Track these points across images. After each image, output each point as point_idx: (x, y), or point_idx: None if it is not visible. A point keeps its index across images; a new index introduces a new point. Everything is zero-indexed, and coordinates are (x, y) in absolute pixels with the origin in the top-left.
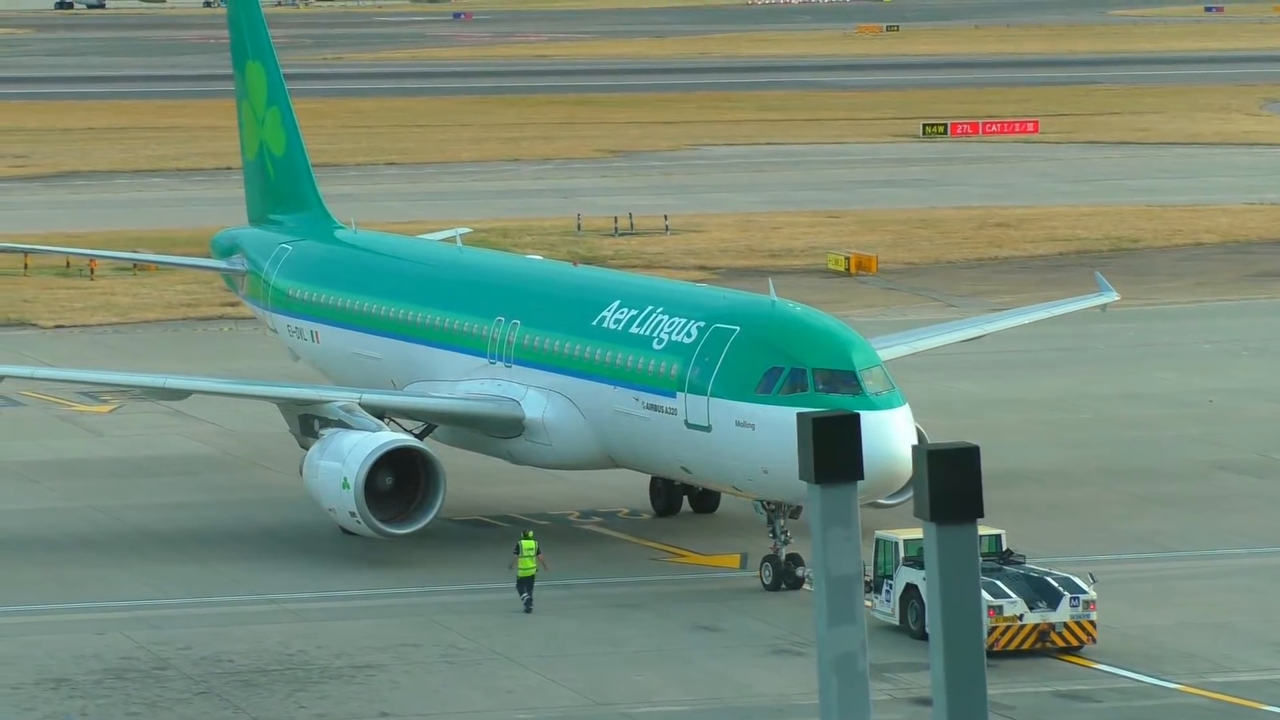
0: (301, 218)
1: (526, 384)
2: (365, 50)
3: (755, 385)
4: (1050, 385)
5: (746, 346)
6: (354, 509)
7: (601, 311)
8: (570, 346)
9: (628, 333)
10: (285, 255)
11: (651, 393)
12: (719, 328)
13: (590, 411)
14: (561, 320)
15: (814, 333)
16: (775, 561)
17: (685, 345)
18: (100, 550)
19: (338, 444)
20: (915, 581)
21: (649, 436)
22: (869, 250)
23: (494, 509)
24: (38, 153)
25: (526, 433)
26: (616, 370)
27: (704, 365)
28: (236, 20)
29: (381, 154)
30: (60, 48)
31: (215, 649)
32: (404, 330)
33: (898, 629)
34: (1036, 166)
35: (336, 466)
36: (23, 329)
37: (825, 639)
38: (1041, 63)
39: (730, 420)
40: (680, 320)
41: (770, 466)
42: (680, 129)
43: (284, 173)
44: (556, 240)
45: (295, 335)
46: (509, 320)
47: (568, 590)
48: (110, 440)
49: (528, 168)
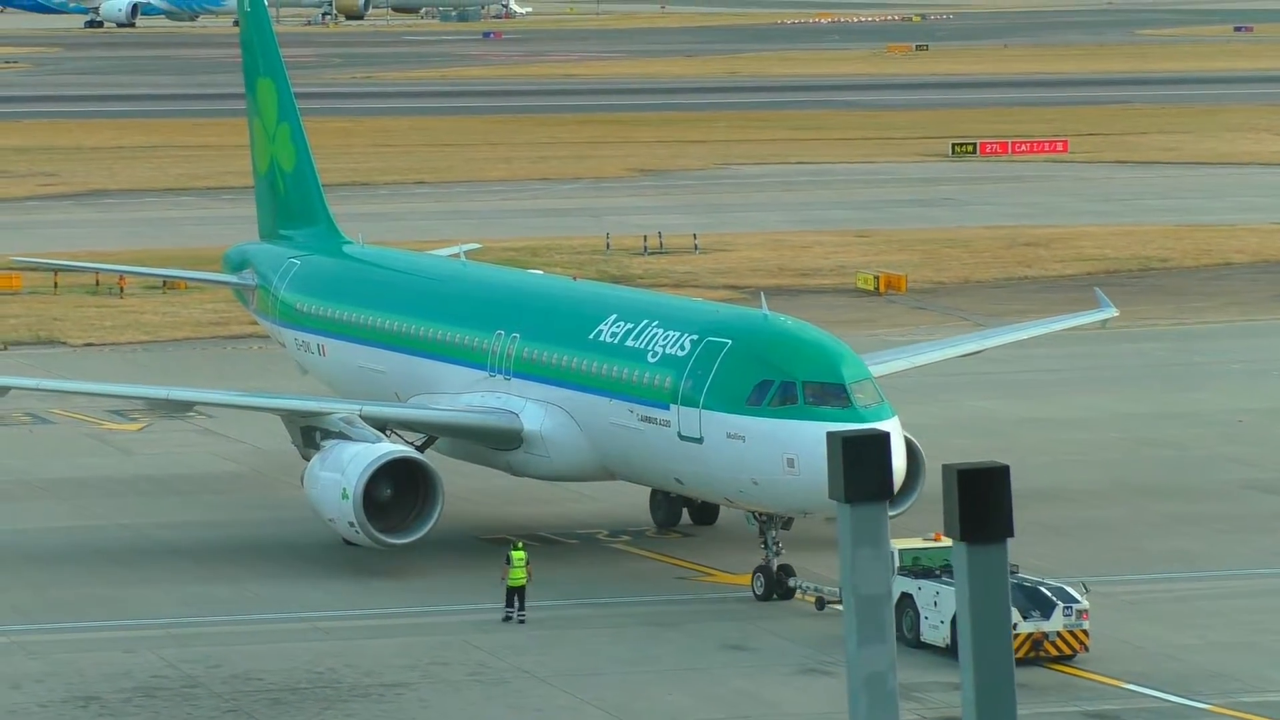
0: (310, 233)
1: (525, 397)
2: (395, 69)
3: (746, 397)
4: (1080, 404)
5: (738, 359)
6: (353, 519)
7: (599, 325)
8: (568, 360)
9: (623, 346)
10: (293, 270)
11: (646, 405)
12: (711, 341)
13: (587, 424)
14: (560, 334)
15: (804, 346)
16: (767, 572)
17: (678, 358)
18: (130, 568)
19: (338, 455)
20: (910, 591)
21: (643, 448)
22: (898, 269)
23: (524, 528)
24: (67, 171)
25: (525, 445)
26: (612, 383)
27: (696, 378)
28: (248, 37)
29: (411, 173)
30: (90, 66)
31: (245, 667)
32: (408, 344)
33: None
34: (1066, 186)
35: (336, 477)
36: (52, 347)
37: (854, 658)
38: (1071, 82)
39: (721, 432)
40: (674, 334)
41: (760, 478)
42: (710, 148)
43: (294, 188)
44: (586, 259)
45: (303, 349)
46: (509, 334)
47: (597, 609)
48: (140, 458)
49: (557, 187)
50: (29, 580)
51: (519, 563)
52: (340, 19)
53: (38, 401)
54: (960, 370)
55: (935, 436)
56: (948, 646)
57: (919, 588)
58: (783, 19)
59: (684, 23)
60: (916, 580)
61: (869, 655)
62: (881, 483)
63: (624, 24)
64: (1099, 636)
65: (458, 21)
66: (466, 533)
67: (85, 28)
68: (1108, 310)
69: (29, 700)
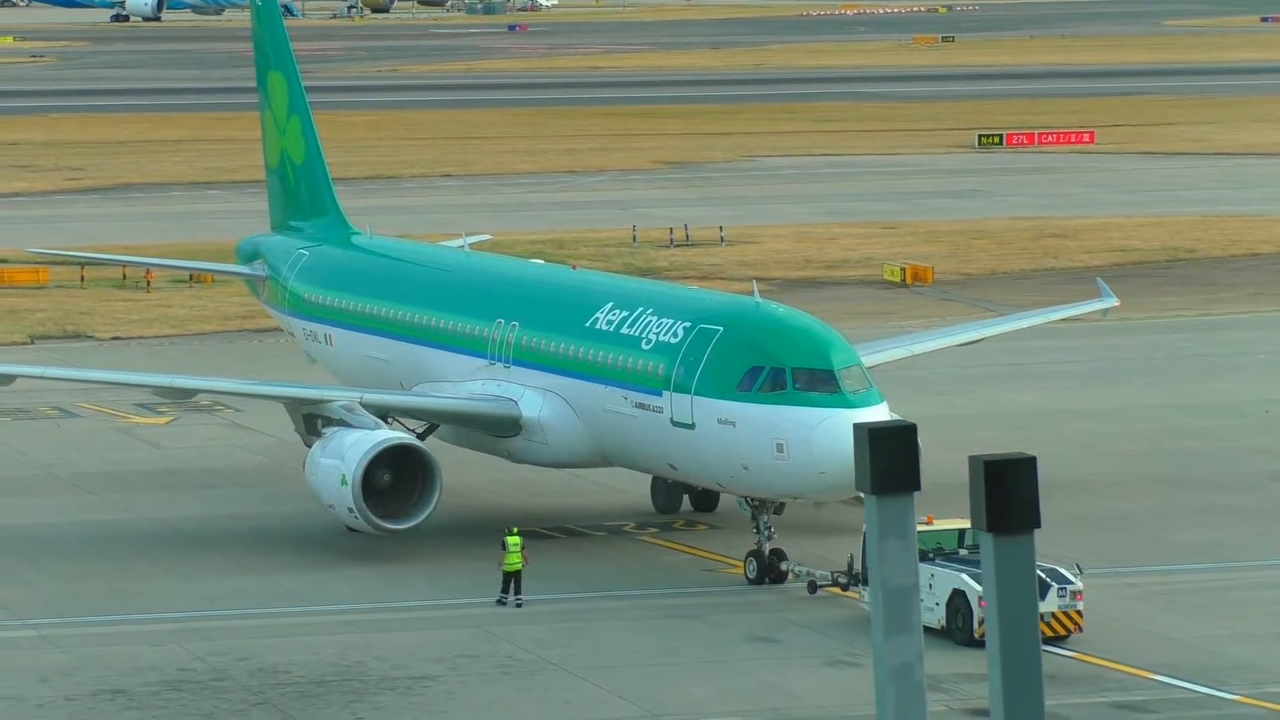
0: (320, 224)
1: (524, 384)
2: (421, 62)
3: (736, 384)
4: (1107, 396)
5: (729, 346)
6: (352, 505)
7: (595, 313)
8: (565, 347)
9: (619, 333)
10: (302, 261)
11: (640, 392)
12: (704, 328)
13: (584, 411)
14: (557, 322)
15: (794, 333)
16: (759, 556)
17: (672, 345)
18: (157, 562)
19: (338, 442)
20: None
21: (638, 435)
22: (925, 261)
23: (551, 520)
24: (93, 165)
25: (524, 432)
26: (608, 370)
27: (688, 365)
28: (258, 31)
29: (438, 166)
30: (116, 61)
31: (272, 660)
32: (410, 333)
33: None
34: (1092, 177)
35: (336, 464)
36: (80, 340)
37: (882, 650)
38: (1097, 73)
39: (713, 418)
40: (668, 321)
41: (750, 463)
42: (736, 140)
43: (304, 180)
44: (612, 251)
45: (310, 339)
46: (508, 322)
47: (624, 601)
48: (167, 452)
49: (584, 179)
50: (56, 574)
51: (514, 548)
52: (366, 12)
53: (65, 395)
54: (987, 362)
55: (962, 428)
56: (942, 628)
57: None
58: (808, 11)
59: (710, 15)
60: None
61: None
62: (908, 474)
63: (650, 16)
64: (1127, 629)
65: (483, 14)
66: (493, 526)
67: (111, 22)
68: (1108, 300)
69: (56, 694)
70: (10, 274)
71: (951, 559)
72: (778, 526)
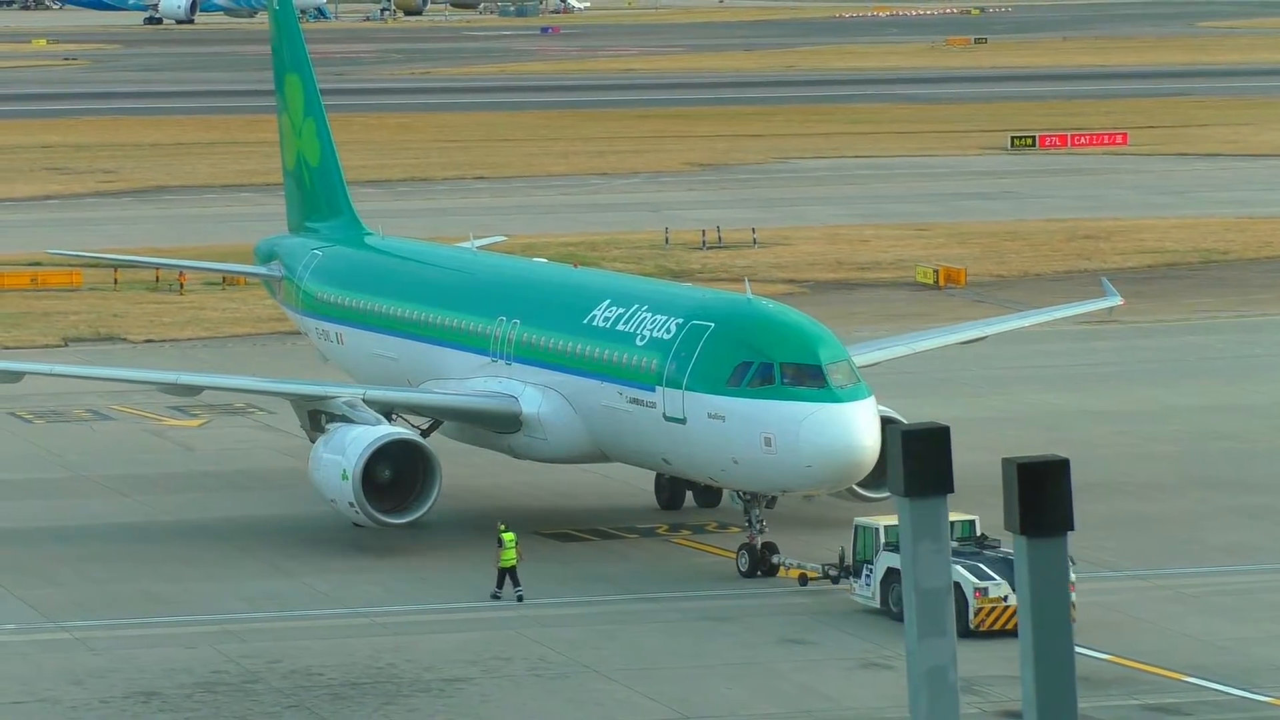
0: (334, 225)
1: (525, 381)
2: (454, 65)
3: (726, 379)
4: (1140, 397)
5: (720, 342)
6: (353, 499)
7: (592, 310)
8: (563, 344)
9: (614, 330)
10: (316, 261)
11: (633, 387)
12: (695, 324)
13: (581, 406)
14: (556, 319)
15: (783, 328)
16: (751, 549)
17: (664, 341)
18: (189, 564)
19: (340, 438)
20: (897, 566)
21: (632, 430)
22: (958, 263)
23: (583, 523)
24: (126, 168)
25: (524, 428)
26: (603, 366)
27: (680, 360)
28: (276, 34)
29: (470, 168)
30: (149, 63)
31: (305, 663)
32: (417, 331)
33: (878, 611)
34: (1125, 179)
35: (337, 459)
36: (112, 343)
37: (915, 652)
38: (1130, 74)
39: (703, 413)
40: (662, 318)
41: (740, 457)
42: (768, 142)
43: (319, 182)
44: (645, 253)
45: (323, 338)
46: (509, 320)
47: (656, 604)
48: (200, 454)
49: (616, 181)
50: (90, 576)
51: (510, 544)
52: (399, 14)
53: (98, 398)
54: (1019, 364)
55: (995, 430)
56: None
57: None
58: (841, 13)
59: (742, 17)
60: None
61: (930, 649)
62: (941, 476)
63: (682, 18)
64: (1160, 631)
65: (516, 17)
66: (524, 528)
67: (144, 24)
68: (1113, 299)
69: (90, 696)
70: (44, 276)
71: None
72: (770, 520)
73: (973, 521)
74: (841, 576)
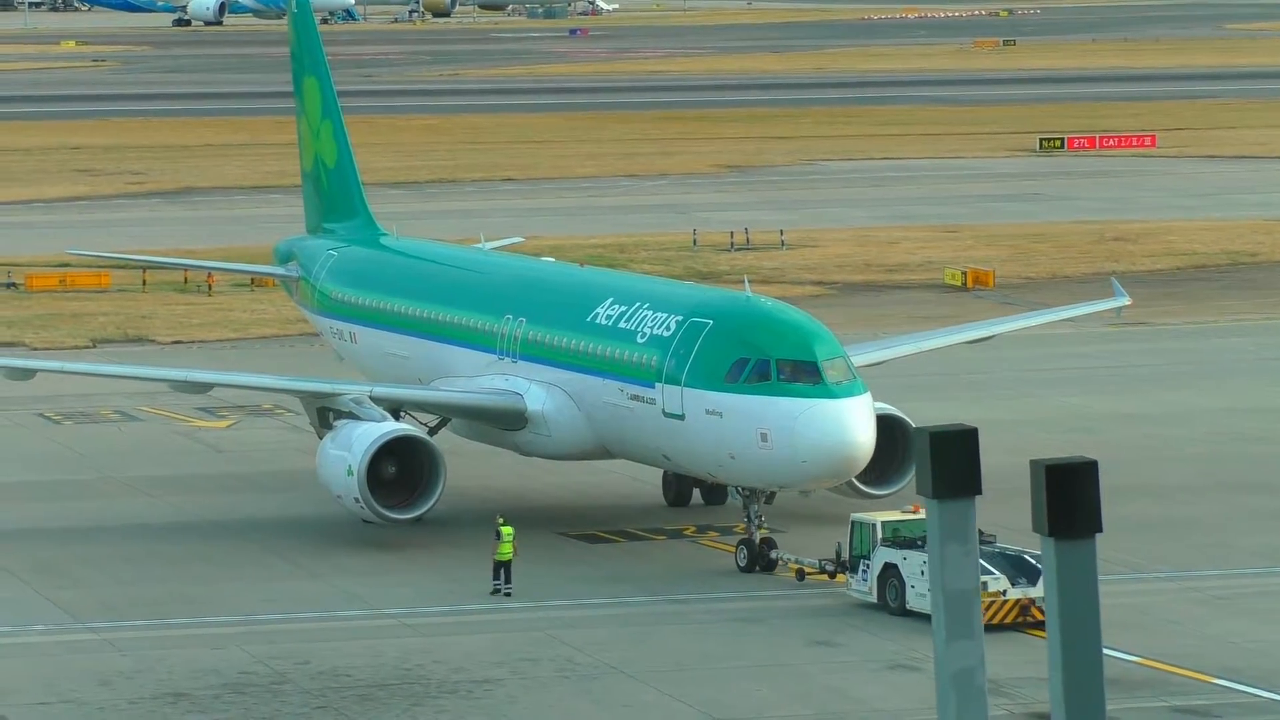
0: (350, 226)
1: (530, 378)
2: (482, 66)
3: (724, 375)
4: (1167, 399)
5: (718, 339)
6: (358, 494)
7: (595, 308)
8: (567, 342)
9: (616, 328)
10: (331, 261)
11: (634, 384)
12: (694, 321)
13: (584, 403)
14: (560, 317)
15: (780, 325)
16: (750, 544)
17: (664, 338)
18: (218, 565)
19: (346, 434)
20: (894, 561)
21: (634, 426)
22: (986, 265)
23: (609, 524)
24: (155, 169)
25: (530, 425)
26: (605, 363)
27: (679, 357)
28: (294, 36)
29: (498, 170)
30: (178, 65)
31: (333, 664)
32: (427, 330)
33: (875, 607)
34: (1154, 180)
35: (343, 455)
36: (140, 344)
37: (943, 654)
38: (1159, 76)
39: (701, 409)
40: (662, 315)
41: (736, 453)
42: (796, 144)
43: (336, 183)
44: (673, 255)
45: (337, 337)
46: (516, 318)
47: (684, 605)
48: (228, 455)
49: (644, 183)
50: (118, 577)
51: (508, 538)
52: (427, 16)
53: (126, 399)
54: (1047, 365)
55: (1024, 432)
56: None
57: (904, 558)
58: (869, 14)
59: (770, 18)
60: (901, 550)
61: (958, 651)
62: (970, 478)
63: (710, 20)
64: (1189, 633)
65: (544, 18)
66: (552, 529)
67: (173, 26)
68: (1121, 299)
69: (119, 697)
70: (73, 278)
71: None
72: (768, 515)
73: None
74: (839, 571)
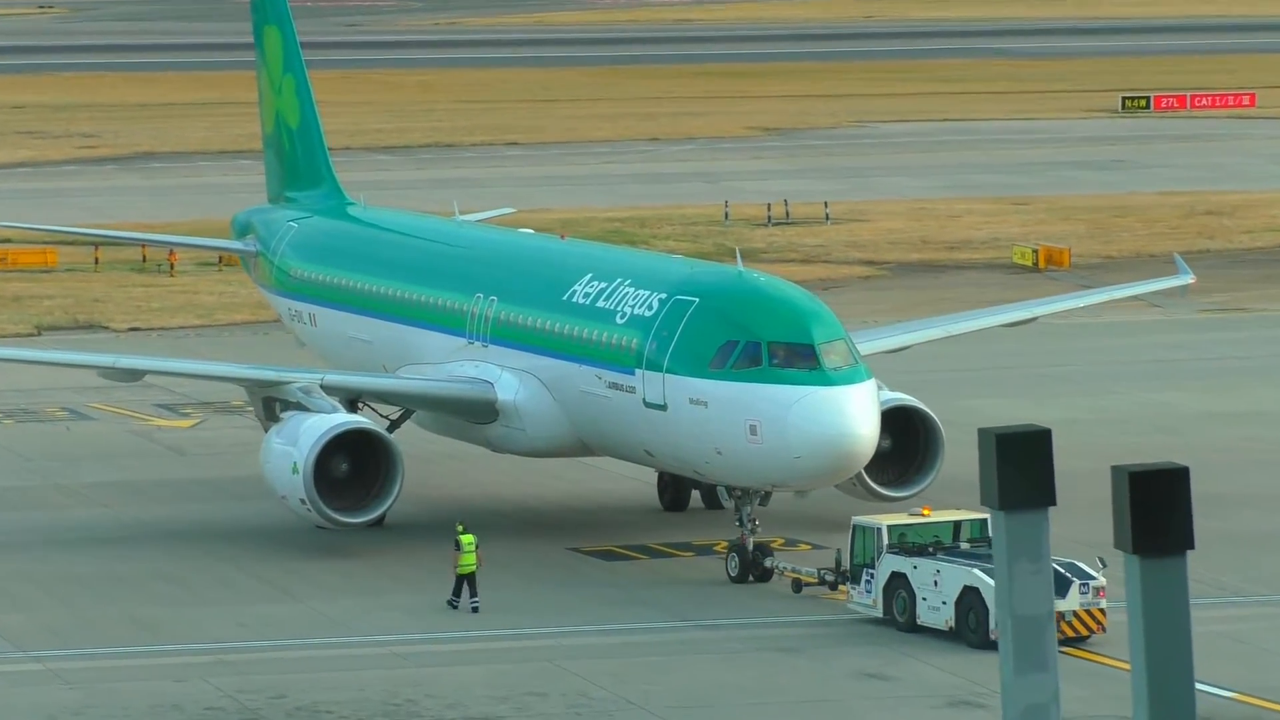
0: (314, 194)
1: (501, 365)
2: (483, 14)
3: (710, 360)
4: (1267, 396)
5: (703, 319)
6: (304, 495)
7: (573, 285)
8: (541, 323)
9: (594, 307)
10: (290, 234)
11: (612, 370)
12: (679, 300)
13: (560, 392)
14: (535, 296)
15: (773, 304)
16: (742, 551)
17: (645, 319)
18: (181, 585)
19: (293, 427)
20: (904, 570)
21: (612, 418)
22: (1060, 242)
23: (631, 540)
24: (109, 131)
25: (501, 417)
26: (581, 347)
27: (661, 340)
28: None
29: (502, 133)
30: (135, 12)
31: (312, 698)
32: (392, 310)
33: (881, 622)
34: (1252, 145)
35: (289, 450)
36: (93, 332)
37: (1011, 688)
38: (1258, 26)
39: (684, 398)
40: (644, 293)
41: (723, 447)
42: (843, 103)
43: (300, 147)
44: (701, 231)
45: (295, 319)
46: (487, 297)
47: (713, 631)
48: (192, 459)
49: (668, 148)
50: (66, 599)
51: (469, 547)
52: None
53: (76, 395)
54: (1134, 358)
55: (1105, 434)
56: (950, 629)
57: (914, 566)
58: None
59: None
60: (911, 558)
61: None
62: (1042, 486)
63: None
64: None
65: None
66: (564, 546)
67: None
68: (1185, 276)
69: None
70: (15, 255)
71: (955, 553)
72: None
73: (985, 520)
74: (839, 582)
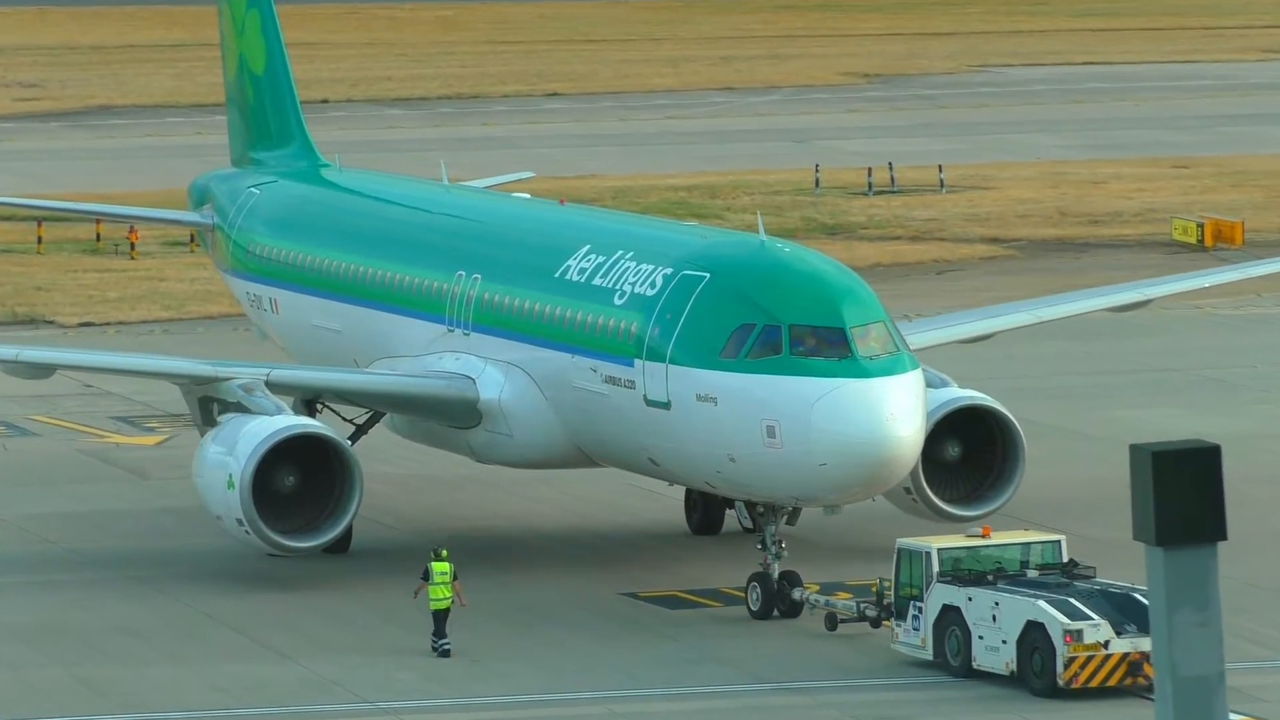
0: (282, 154)
1: (485, 356)
2: None
3: (720, 348)
4: None
5: (715, 299)
6: (241, 515)
7: (567, 260)
8: (530, 306)
9: (590, 285)
10: (250, 203)
11: (609, 361)
12: (686, 275)
13: (550, 390)
14: (523, 273)
15: (797, 280)
16: (765, 581)
17: (648, 299)
18: (145, 640)
19: (230, 432)
20: (956, 603)
21: (610, 418)
22: (1231, 214)
23: (697, 580)
24: (55, 80)
25: (484, 420)
26: (575, 334)
27: (665, 324)
28: None
29: (540, 80)
30: None
31: None
32: (363, 293)
33: (931, 664)
34: None
35: (224, 460)
36: (36, 328)
37: None
38: None
39: (691, 394)
40: (647, 267)
41: (737, 453)
42: (961, 43)
43: (267, 97)
44: (785, 202)
45: (255, 305)
46: (470, 275)
47: (797, 696)
48: (157, 484)
49: (746, 99)
50: (5, 659)
51: (441, 578)
52: None
53: (12, 404)
54: None
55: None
56: (1011, 674)
57: (969, 599)
58: None
59: None
60: (964, 589)
61: None
62: (1210, 516)
63: None
64: None
65: None
66: (605, 587)
67: None
68: None
69: None
70: None
71: (1019, 582)
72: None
73: (1058, 543)
74: (882, 617)
